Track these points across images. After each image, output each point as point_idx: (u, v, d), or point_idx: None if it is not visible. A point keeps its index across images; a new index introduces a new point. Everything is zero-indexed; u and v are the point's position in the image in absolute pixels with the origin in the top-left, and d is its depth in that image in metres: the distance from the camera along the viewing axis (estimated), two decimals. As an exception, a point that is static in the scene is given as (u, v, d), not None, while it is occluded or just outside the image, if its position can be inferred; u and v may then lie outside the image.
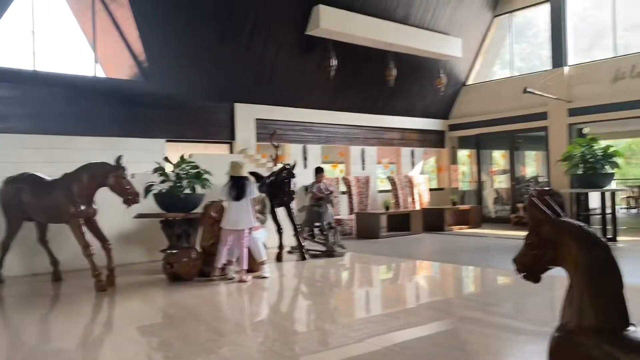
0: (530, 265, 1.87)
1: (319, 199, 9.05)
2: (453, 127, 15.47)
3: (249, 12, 10.53)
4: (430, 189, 14.68)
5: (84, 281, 6.61)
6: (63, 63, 9.73)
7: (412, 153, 14.77)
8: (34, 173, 6.82)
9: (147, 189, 6.85)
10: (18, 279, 7.10)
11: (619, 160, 9.34)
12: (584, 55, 13.31)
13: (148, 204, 6.99)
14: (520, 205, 13.54)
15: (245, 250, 6.71)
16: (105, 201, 6.64)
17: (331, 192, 9.31)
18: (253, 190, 6.85)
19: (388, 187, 13.70)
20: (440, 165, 15.81)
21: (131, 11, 9.42)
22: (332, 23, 11.19)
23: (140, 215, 7.19)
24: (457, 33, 13.91)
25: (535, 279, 1.90)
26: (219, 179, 7.26)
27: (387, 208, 11.97)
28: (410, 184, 13.60)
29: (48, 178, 6.71)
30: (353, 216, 12.11)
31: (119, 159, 6.37)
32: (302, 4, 11.03)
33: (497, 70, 15.64)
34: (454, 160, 15.65)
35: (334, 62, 11.31)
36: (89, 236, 6.37)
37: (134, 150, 9.53)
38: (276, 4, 10.73)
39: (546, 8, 13.58)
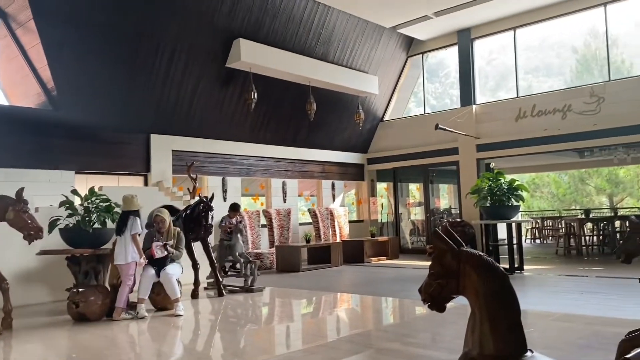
0: (435, 295, 1.92)
1: (230, 232, 8.86)
2: (371, 161, 15.91)
3: (167, 42, 10.37)
4: (350, 221, 14.90)
5: (-25, 326, 6.01)
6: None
7: (333, 185, 14.98)
8: None
9: (52, 224, 6.45)
10: None
11: (523, 193, 9.96)
12: (491, 95, 14.27)
13: (53, 240, 6.55)
14: (435, 236, 14.03)
15: (125, 288, 6.48)
16: (4, 237, 6.15)
17: (240, 222, 9.14)
18: (135, 225, 6.61)
19: (309, 219, 13.76)
20: (360, 198, 16.13)
21: (39, 38, 8.97)
22: (252, 56, 11.27)
23: (43, 252, 6.71)
24: (374, 71, 14.48)
25: (440, 308, 1.95)
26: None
27: (307, 241, 11.97)
28: (331, 216, 13.73)
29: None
30: (273, 249, 12.00)
31: (19, 191, 5.95)
32: (222, 37, 11.04)
33: (413, 107, 16.38)
34: (372, 192, 16.04)
35: (254, 94, 11.35)
36: (-18, 276, 5.84)
37: (40, 182, 8.99)
38: (196, 36, 10.66)
39: (455, 51, 14.46)
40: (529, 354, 1.78)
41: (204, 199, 7.91)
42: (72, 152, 9.76)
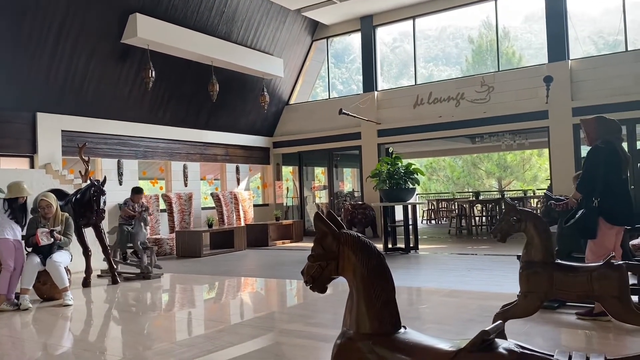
0: (316, 277, 1.95)
1: (131, 217, 8.49)
2: (277, 145, 15.88)
3: (55, 16, 9.60)
4: (255, 205, 14.82)
5: None
6: None
7: (237, 169, 14.79)
8: None
9: None
10: None
11: (419, 176, 10.43)
12: (394, 82, 14.74)
13: None
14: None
15: (5, 273, 6.15)
16: None
17: (146, 210, 8.78)
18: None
19: (213, 204, 13.50)
20: (265, 182, 16.07)
21: None
22: (150, 33, 10.75)
23: None
24: (279, 53, 14.39)
25: (321, 289, 1.98)
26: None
27: (210, 225, 11.75)
28: (235, 200, 13.57)
29: None
30: (174, 235, 11.66)
31: None
32: (117, 10, 10.41)
33: (320, 92, 16.53)
34: (278, 176, 16.05)
35: (152, 73, 10.85)
36: None
37: None
38: (88, 8, 9.96)
39: (359, 37, 14.73)
40: (402, 330, 1.86)
41: (96, 183, 7.47)
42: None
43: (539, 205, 16.69)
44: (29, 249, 6.41)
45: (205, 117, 13.60)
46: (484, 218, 14.88)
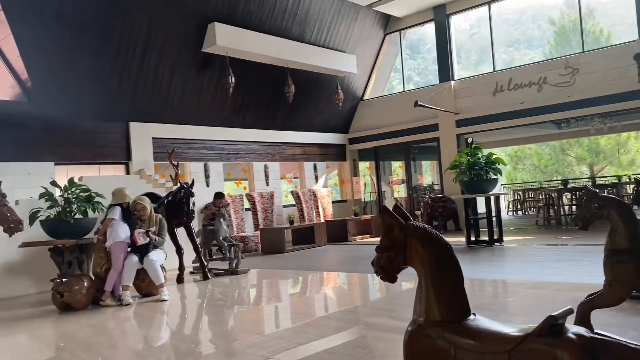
0: (385, 267, 2.04)
1: (212, 218, 8.96)
2: (353, 141, 16.00)
3: (141, 30, 10.29)
4: (334, 201, 15.04)
5: (-40, 320, 6.07)
6: None
7: (315, 167, 15.07)
8: None
9: (33, 216, 6.45)
10: None
11: (501, 166, 10.13)
12: (474, 69, 14.35)
13: (35, 232, 6.58)
14: (417, 212, 14.24)
15: (113, 272, 6.68)
16: (-16, 231, 6.17)
17: (224, 206, 9.22)
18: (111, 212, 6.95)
19: (293, 201, 13.88)
20: (342, 178, 16.26)
21: (10, 28, 8.85)
22: (228, 40, 11.22)
23: (26, 244, 6.73)
24: (352, 50, 14.48)
25: (391, 278, 2.07)
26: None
27: (291, 222, 12.10)
28: (314, 197, 13.85)
29: None
30: (258, 232, 12.12)
31: (-3, 185, 5.96)
32: (196, 21, 10.97)
33: (396, 84, 16.44)
34: (355, 172, 16.16)
35: (232, 79, 11.34)
36: (-35, 270, 5.88)
37: (20, 175, 8.95)
38: (169, 22, 10.58)
39: (432, 27, 14.50)
40: (471, 317, 1.91)
41: (185, 185, 7.96)
42: (51, 144, 9.72)
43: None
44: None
45: (282, 118, 13.99)
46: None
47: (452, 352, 1.80)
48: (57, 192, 6.76)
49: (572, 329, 1.69)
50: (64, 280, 6.42)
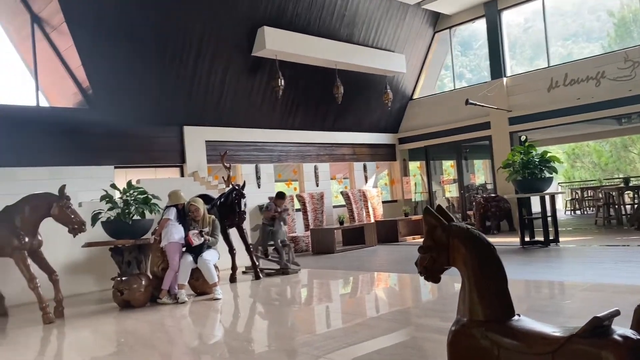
0: (429, 267, 2.05)
1: (272, 218, 9.14)
2: (403, 140, 15.88)
3: (193, 35, 10.62)
4: (384, 202, 14.98)
5: (31, 315, 6.45)
6: (4, 94, 9.56)
7: (365, 167, 15.07)
8: (-25, 207, 6.66)
9: (95, 217, 6.79)
10: (-39, 317, 6.87)
11: (556, 165, 9.81)
12: (529, 64, 13.94)
13: (97, 232, 6.92)
14: (470, 212, 13.99)
15: (170, 272, 6.93)
16: (51, 231, 6.55)
17: (285, 210, 9.40)
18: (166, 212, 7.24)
19: (343, 202, 13.93)
20: (392, 178, 16.17)
21: (72, 39, 9.36)
22: (277, 43, 11.41)
23: (88, 244, 7.09)
24: (401, 49, 14.40)
25: (435, 279, 2.08)
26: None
27: (341, 222, 12.15)
28: (364, 197, 13.86)
29: (-11, 212, 6.57)
30: (308, 233, 12.24)
31: (62, 188, 6.31)
32: (246, 26, 11.22)
33: (447, 82, 16.21)
34: (405, 172, 16.04)
35: (281, 81, 11.52)
36: (34, 268, 6.26)
37: (81, 178, 9.41)
38: (220, 27, 10.87)
39: (483, 23, 14.20)
40: (516, 317, 1.90)
41: (236, 187, 8.16)
42: (110, 148, 10.19)
43: None
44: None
45: (332, 119, 14.07)
46: (635, 206, 13.48)
47: (496, 352, 1.81)
48: (116, 195, 7.08)
49: (619, 330, 1.65)
50: (123, 278, 6.73)
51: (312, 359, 3.98)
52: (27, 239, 6.23)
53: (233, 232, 8.45)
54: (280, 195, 9.46)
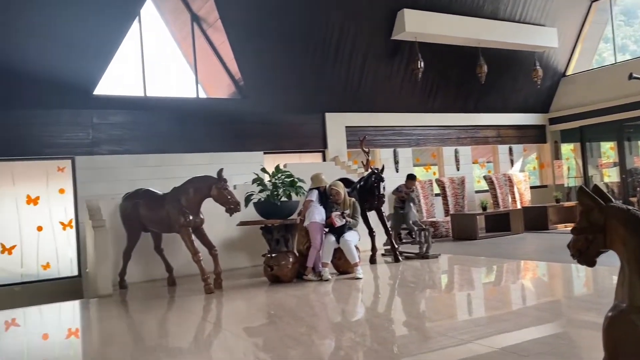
0: (583, 250, 1.94)
1: (403, 201, 9.14)
2: (554, 121, 14.77)
3: (334, 25, 10.90)
4: (532, 187, 14.12)
5: (194, 285, 7.19)
6: (169, 87, 10.71)
7: (510, 150, 14.31)
8: (148, 189, 7.60)
9: (248, 199, 7.34)
10: (138, 284, 7.88)
11: None
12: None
13: (249, 212, 7.49)
14: (632, 198, 12.63)
15: (312, 250, 7.23)
16: (211, 211, 7.24)
17: (412, 190, 9.33)
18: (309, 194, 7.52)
19: (485, 187, 13.40)
20: (542, 162, 15.14)
21: (226, 35, 10.17)
22: (417, 25, 11.25)
23: (242, 223, 7.68)
24: (552, 23, 13.34)
25: (589, 262, 1.96)
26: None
27: (484, 208, 11.72)
28: (509, 182, 13.19)
29: (160, 192, 7.45)
30: (448, 218, 12.00)
31: (220, 172, 6.92)
32: (386, 10, 11.22)
33: (607, 56, 14.73)
34: (557, 155, 14.92)
35: (421, 64, 11.36)
36: (197, 244, 6.97)
37: (235, 163, 10.19)
38: (360, 14, 11.01)
39: (652, -14, 12.61)
40: (681, 305, 1.74)
41: (375, 171, 8.27)
42: (260, 135, 10.93)
43: None
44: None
45: (474, 100, 13.55)
46: None
47: (657, 340, 1.68)
48: (266, 178, 7.59)
49: None
50: (273, 255, 7.22)
51: (460, 343, 3.91)
52: (191, 217, 6.95)
53: (372, 215, 8.59)
54: (411, 177, 9.48)
